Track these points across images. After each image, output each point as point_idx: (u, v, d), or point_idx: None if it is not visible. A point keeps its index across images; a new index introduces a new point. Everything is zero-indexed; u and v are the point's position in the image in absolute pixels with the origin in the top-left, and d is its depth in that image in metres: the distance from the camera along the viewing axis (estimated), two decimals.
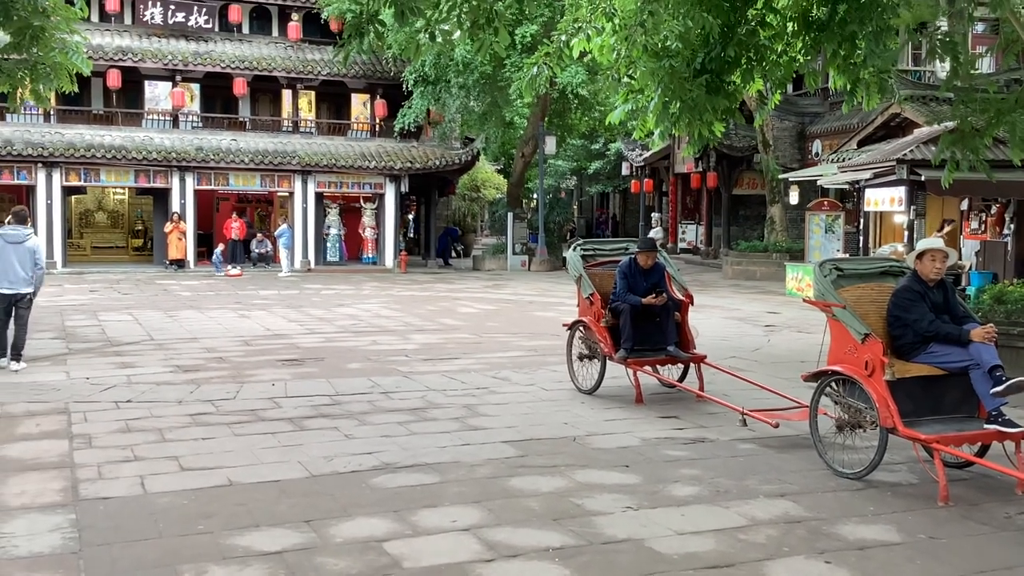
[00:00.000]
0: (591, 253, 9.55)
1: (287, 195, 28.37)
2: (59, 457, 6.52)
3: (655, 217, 34.52)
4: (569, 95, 26.45)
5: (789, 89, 23.62)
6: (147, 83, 27.41)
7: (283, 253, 26.54)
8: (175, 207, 26.46)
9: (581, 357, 9.24)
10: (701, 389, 8.59)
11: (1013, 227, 16.88)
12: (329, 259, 28.21)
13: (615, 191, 43.91)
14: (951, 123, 9.97)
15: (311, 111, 29.37)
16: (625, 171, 36.90)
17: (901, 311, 6.22)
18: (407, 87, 27.28)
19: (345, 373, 10.15)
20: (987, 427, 5.91)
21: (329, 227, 28.30)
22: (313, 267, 27.54)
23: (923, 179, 16.05)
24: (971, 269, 16.48)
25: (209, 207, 29.24)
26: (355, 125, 29.68)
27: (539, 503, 5.57)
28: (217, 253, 26.06)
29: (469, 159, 29.27)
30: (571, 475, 6.16)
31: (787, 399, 7.77)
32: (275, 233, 27.51)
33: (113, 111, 27.41)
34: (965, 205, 18.62)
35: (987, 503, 5.68)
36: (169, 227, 26.22)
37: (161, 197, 27.11)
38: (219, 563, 4.58)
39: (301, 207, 27.75)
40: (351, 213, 28.86)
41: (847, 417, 6.25)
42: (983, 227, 18.01)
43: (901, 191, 16.98)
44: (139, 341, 12.52)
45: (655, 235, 30.29)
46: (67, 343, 12.23)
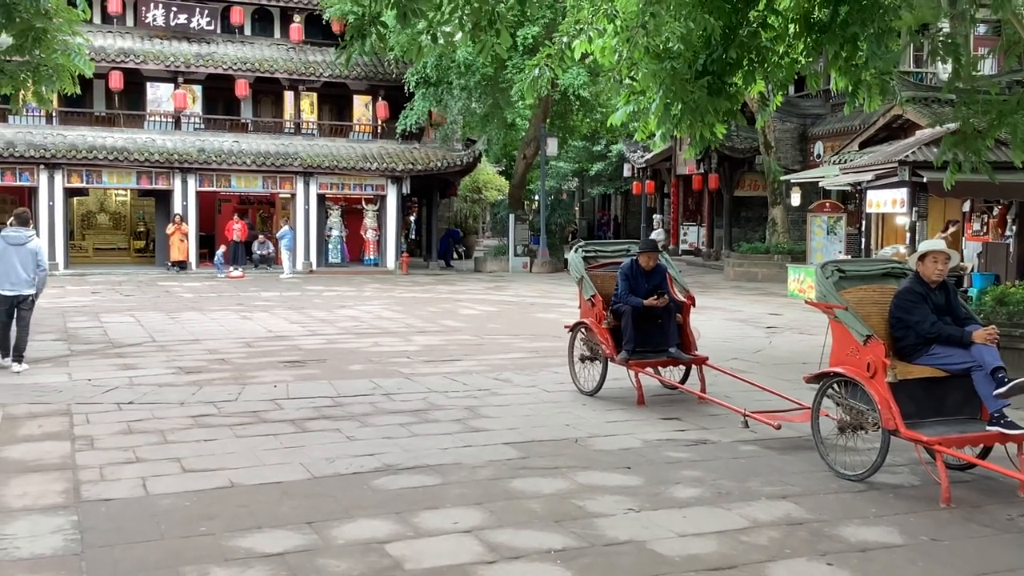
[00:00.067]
0: (593, 255, 9.54)
1: (289, 197, 28.38)
2: (61, 458, 6.52)
3: (657, 219, 34.49)
4: (571, 97, 26.45)
5: (791, 91, 23.66)
6: (149, 85, 27.42)
7: (285, 255, 26.54)
8: (177, 209, 26.48)
9: (583, 359, 9.24)
10: (703, 391, 8.58)
11: (1015, 229, 16.86)
12: (331, 261, 28.23)
13: (617, 193, 43.89)
14: (953, 125, 9.96)
15: (313, 113, 29.39)
16: (627, 173, 36.89)
17: (903, 313, 6.22)
18: (409, 89, 27.30)
19: (347, 375, 10.15)
20: (989, 429, 5.91)
21: (331, 229, 28.31)
22: (315, 269, 27.54)
23: (925, 181, 16.03)
24: (973, 271, 16.45)
25: (211, 209, 29.25)
26: (357, 127, 29.69)
27: (541, 505, 5.57)
28: (219, 255, 26.08)
29: (471, 161, 29.26)
30: (573, 477, 6.15)
31: (789, 401, 7.77)
32: (277, 235, 27.50)
33: (115, 113, 27.42)
34: (967, 207, 18.60)
35: (989, 505, 5.68)
36: (171, 229, 26.23)
37: (163, 199, 27.12)
38: (221, 565, 4.59)
39: (303, 209, 27.76)
40: (353, 215, 28.89)
41: (849, 419, 6.25)
42: (985, 229, 18.00)
43: (903, 193, 16.97)
44: (141, 343, 12.53)
45: (657, 237, 30.32)
46: (69, 344, 12.24)
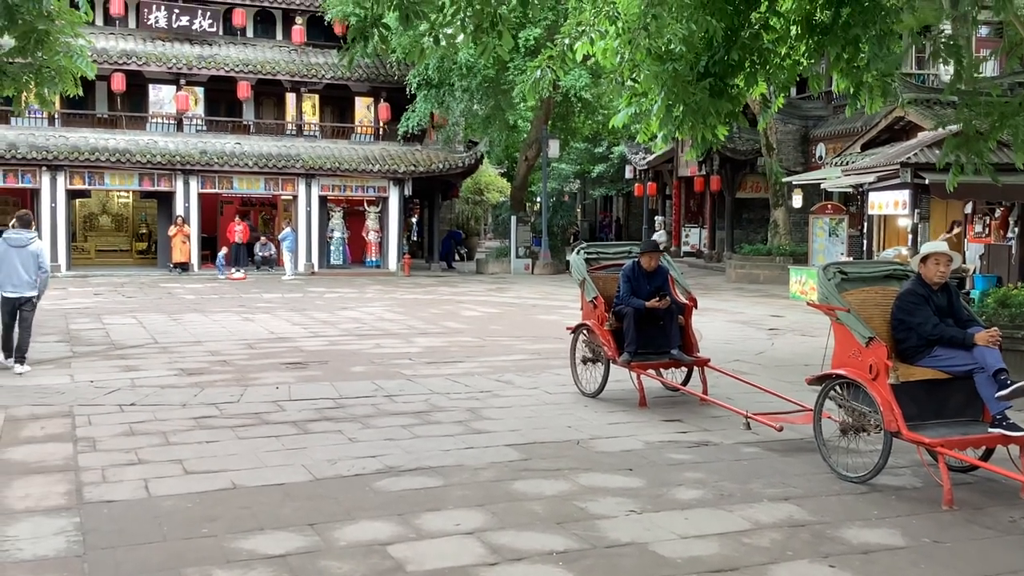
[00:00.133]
0: (595, 256, 9.54)
1: (291, 198, 28.40)
2: (63, 460, 6.52)
3: (658, 220, 34.47)
4: (572, 98, 26.46)
5: (792, 92, 23.70)
6: (151, 87, 27.43)
7: (287, 256, 26.54)
8: (179, 210, 26.48)
9: (585, 360, 9.24)
10: (705, 392, 8.58)
11: (1017, 231, 16.84)
12: (333, 262, 28.24)
13: (618, 194, 43.87)
14: (955, 126, 9.96)
15: (315, 114, 29.42)
16: (628, 174, 36.86)
17: (905, 314, 6.22)
18: (411, 90, 27.31)
19: (349, 376, 10.15)
20: (992, 431, 5.91)
21: (333, 230, 28.32)
22: (317, 270, 27.56)
23: (927, 182, 16.02)
24: (975, 272, 16.43)
25: (213, 210, 29.27)
26: (359, 128, 29.70)
27: (543, 506, 5.57)
28: (220, 256, 26.09)
29: (472, 162, 29.27)
30: (574, 478, 6.15)
31: (791, 403, 7.77)
32: (279, 236, 27.51)
33: (117, 115, 27.44)
34: (969, 208, 18.58)
35: (992, 507, 5.68)
36: (173, 230, 26.24)
37: (165, 200, 27.13)
38: (223, 566, 4.59)
39: (305, 210, 27.78)
40: (355, 216, 28.92)
41: (851, 421, 6.25)
42: (987, 231, 17.98)
43: (905, 194, 16.96)
44: (143, 344, 12.53)
45: (658, 238, 30.32)
46: (71, 346, 12.24)
